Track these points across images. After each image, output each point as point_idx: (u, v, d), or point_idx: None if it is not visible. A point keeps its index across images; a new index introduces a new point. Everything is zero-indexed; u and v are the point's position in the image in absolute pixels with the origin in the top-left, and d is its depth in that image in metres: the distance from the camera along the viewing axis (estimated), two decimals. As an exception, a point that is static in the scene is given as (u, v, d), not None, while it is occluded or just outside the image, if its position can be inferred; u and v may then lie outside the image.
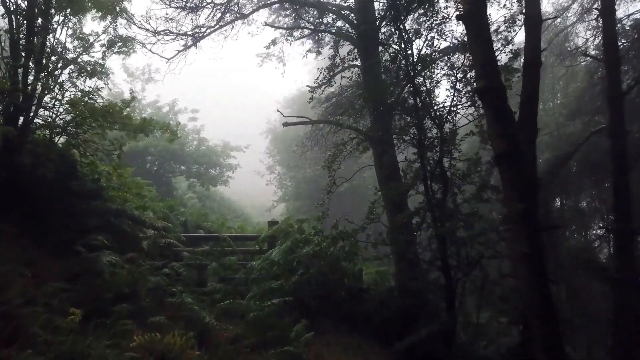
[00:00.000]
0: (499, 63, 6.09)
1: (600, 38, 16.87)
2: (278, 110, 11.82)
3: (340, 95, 12.92)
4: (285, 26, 13.28)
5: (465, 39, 7.59)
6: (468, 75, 7.73)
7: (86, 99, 10.26)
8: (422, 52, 7.99)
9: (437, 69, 8.09)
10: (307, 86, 11.67)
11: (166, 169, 23.76)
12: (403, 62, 8.14)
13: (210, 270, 9.99)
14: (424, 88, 8.14)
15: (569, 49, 19.39)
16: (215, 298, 8.41)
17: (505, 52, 7.73)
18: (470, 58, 7.88)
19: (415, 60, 7.89)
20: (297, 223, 11.08)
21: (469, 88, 7.95)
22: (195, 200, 27.08)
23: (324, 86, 10.72)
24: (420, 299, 8.80)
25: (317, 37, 16.74)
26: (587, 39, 17.40)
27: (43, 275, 6.48)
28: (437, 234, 7.90)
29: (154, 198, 12.39)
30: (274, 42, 12.96)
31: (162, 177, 23.97)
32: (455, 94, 7.85)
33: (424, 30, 7.97)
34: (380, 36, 9.13)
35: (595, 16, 12.23)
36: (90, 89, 10.58)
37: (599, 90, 17.45)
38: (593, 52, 18.38)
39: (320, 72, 10.32)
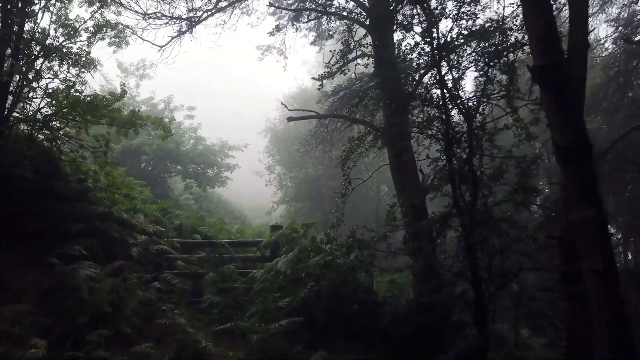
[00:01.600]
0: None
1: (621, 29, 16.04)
2: (282, 103, 10.84)
3: (348, 89, 11.93)
4: (291, 7, 12.22)
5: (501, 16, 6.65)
6: (502, 60, 6.75)
7: (71, 91, 9.29)
8: (450, 34, 7.01)
9: (465, 55, 7.10)
10: (316, 77, 10.60)
11: (162, 169, 22.71)
12: (426, 46, 7.17)
13: (207, 281, 8.99)
14: (450, 76, 7.17)
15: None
16: (212, 314, 7.43)
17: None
18: (504, 41, 6.94)
19: (442, 43, 6.90)
20: (302, 228, 10.10)
21: (501, 75, 7.00)
22: (192, 202, 26.06)
23: (337, 73, 9.70)
24: (443, 314, 7.85)
25: (320, 29, 15.82)
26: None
27: (8, 292, 5.48)
28: (466, 242, 6.93)
29: (147, 200, 11.42)
30: (278, 28, 11.98)
31: (158, 177, 22.95)
32: (487, 83, 6.87)
33: (454, 7, 6.97)
34: (399, 17, 8.11)
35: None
36: (75, 79, 9.61)
37: (614, 86, 16.58)
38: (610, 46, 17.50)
39: (332, 56, 9.29)
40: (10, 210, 7.93)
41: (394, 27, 8.42)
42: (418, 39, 7.38)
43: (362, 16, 9.89)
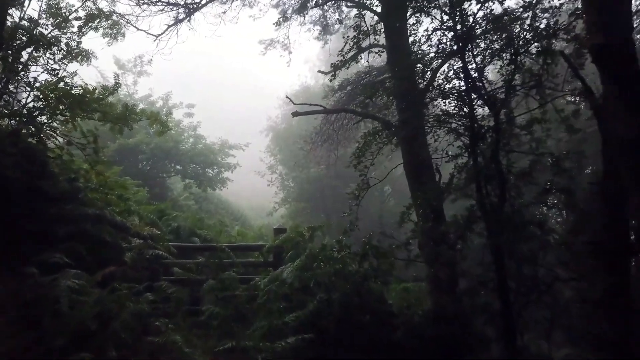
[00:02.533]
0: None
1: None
2: (287, 97, 10.13)
3: (356, 84, 11.25)
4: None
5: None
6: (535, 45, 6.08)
7: (60, 83, 8.65)
8: (475, 17, 6.32)
9: (492, 40, 6.41)
10: (323, 71, 9.95)
11: (160, 168, 22.02)
12: (448, 32, 6.50)
13: (206, 289, 8.31)
14: (474, 64, 6.49)
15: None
16: (212, 327, 6.77)
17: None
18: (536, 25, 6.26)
19: (467, 27, 6.22)
20: (308, 231, 9.43)
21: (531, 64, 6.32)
22: (192, 202, 25.40)
23: (350, 62, 9.01)
24: (463, 326, 7.19)
25: (325, 23, 15.18)
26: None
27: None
28: (492, 248, 6.26)
29: (142, 201, 10.76)
30: (285, 17, 11.29)
31: (156, 177, 22.26)
32: (516, 71, 6.19)
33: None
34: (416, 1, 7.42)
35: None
36: (63, 70, 8.97)
37: None
38: None
39: (346, 42, 8.58)
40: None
41: (409, 13, 7.74)
42: (437, 23, 6.70)
43: (373, 3, 9.21)
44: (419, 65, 7.70)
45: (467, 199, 7.02)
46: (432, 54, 7.12)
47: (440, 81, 7.38)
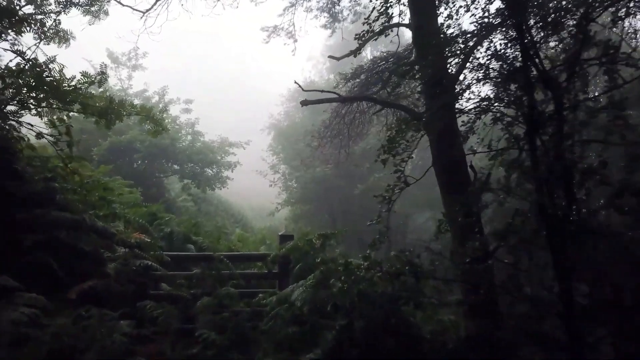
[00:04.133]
0: None
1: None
2: (296, 82, 8.88)
3: (371, 71, 10.00)
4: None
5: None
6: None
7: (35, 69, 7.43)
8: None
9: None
10: (334, 56, 8.71)
11: (156, 168, 20.75)
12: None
13: (201, 307, 7.09)
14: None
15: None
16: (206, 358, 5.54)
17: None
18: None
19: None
20: (319, 239, 8.21)
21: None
22: (191, 204, 24.22)
23: (377, 35, 7.79)
24: (507, 355, 5.95)
25: (333, 10, 14.03)
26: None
27: None
28: (556, 264, 5.01)
29: (131, 203, 9.55)
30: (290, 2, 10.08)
31: (152, 177, 21.01)
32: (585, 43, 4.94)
33: None
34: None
35: None
36: (36, 54, 7.75)
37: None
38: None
39: (373, 9, 7.31)
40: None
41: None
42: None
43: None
44: (454, 44, 6.47)
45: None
46: (473, 28, 5.86)
47: (482, 61, 6.12)
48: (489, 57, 5.93)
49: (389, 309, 5.10)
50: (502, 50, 5.65)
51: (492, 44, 6.09)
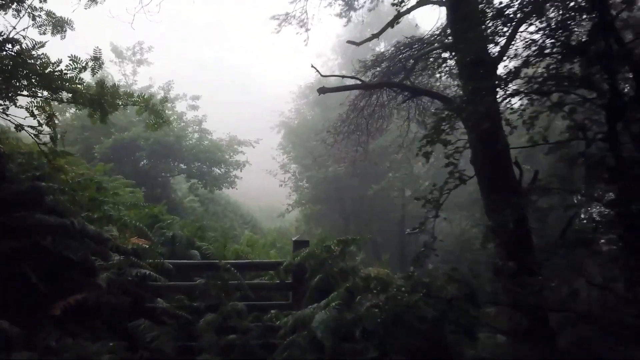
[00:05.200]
0: None
1: None
2: (313, 66, 7.93)
3: (393, 59, 9.01)
4: None
5: None
6: None
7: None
8: None
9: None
10: (353, 41, 7.72)
11: (162, 167, 19.87)
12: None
13: (204, 325, 6.16)
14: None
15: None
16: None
17: None
18: None
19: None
20: (338, 246, 7.25)
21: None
22: (198, 204, 23.38)
23: (405, 14, 6.85)
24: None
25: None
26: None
27: None
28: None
29: (125, 204, 8.64)
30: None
31: (158, 177, 20.15)
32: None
33: None
34: None
35: None
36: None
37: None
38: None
39: None
40: None
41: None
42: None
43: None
44: (497, 20, 5.51)
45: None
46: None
47: (536, 37, 5.17)
48: (549, 29, 4.93)
49: (433, 338, 4.12)
50: (567, 21, 4.66)
51: (548, 16, 5.13)
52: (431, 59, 9.02)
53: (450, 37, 7.36)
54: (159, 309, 6.56)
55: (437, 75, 7.87)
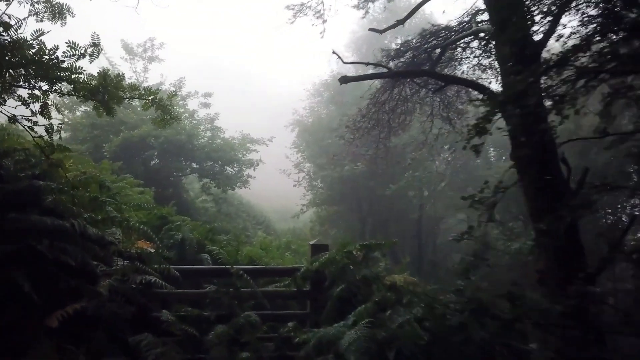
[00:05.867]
0: None
1: None
2: (334, 52, 7.28)
3: (418, 49, 8.32)
4: None
5: None
6: None
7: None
8: None
9: None
10: (375, 28, 7.08)
11: (174, 166, 19.35)
12: None
13: (214, 339, 5.57)
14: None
15: None
16: None
17: None
18: None
19: None
20: (360, 251, 6.63)
21: None
22: (210, 204, 22.89)
23: None
24: None
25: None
26: None
27: None
28: None
29: (129, 204, 8.09)
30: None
31: (169, 176, 19.65)
32: None
33: None
34: None
35: None
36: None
37: None
38: None
39: None
40: None
41: None
42: None
43: None
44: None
45: None
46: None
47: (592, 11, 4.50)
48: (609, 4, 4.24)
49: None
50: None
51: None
52: (459, 48, 8.34)
53: (484, 22, 6.68)
54: (164, 321, 5.98)
55: (471, 64, 7.20)
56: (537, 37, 5.75)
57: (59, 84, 6.28)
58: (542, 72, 4.78)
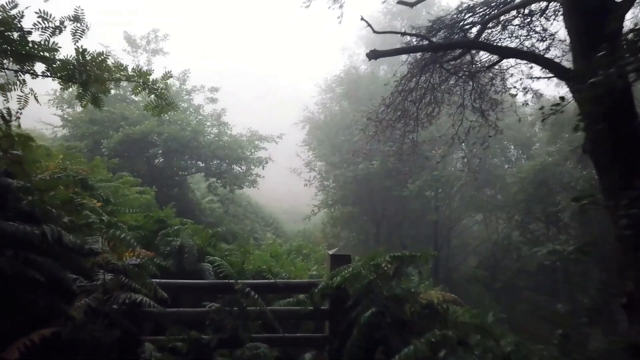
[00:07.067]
0: None
1: None
2: (362, 18, 6.14)
3: (454, 27, 7.14)
4: None
5: None
6: None
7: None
8: None
9: None
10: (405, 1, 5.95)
11: (179, 165, 18.30)
12: None
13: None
14: None
15: None
16: None
17: None
18: None
19: None
20: (391, 264, 5.48)
21: None
22: (217, 205, 21.85)
23: None
24: None
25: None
26: None
27: None
28: None
29: (122, 204, 7.04)
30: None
31: (174, 175, 18.60)
32: None
33: None
34: None
35: None
36: None
37: None
38: None
39: None
40: None
41: None
42: None
43: None
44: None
45: None
46: None
47: None
48: None
49: None
50: None
51: None
52: (499, 25, 7.18)
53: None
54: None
55: (524, 39, 6.04)
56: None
57: (29, 64, 5.26)
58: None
